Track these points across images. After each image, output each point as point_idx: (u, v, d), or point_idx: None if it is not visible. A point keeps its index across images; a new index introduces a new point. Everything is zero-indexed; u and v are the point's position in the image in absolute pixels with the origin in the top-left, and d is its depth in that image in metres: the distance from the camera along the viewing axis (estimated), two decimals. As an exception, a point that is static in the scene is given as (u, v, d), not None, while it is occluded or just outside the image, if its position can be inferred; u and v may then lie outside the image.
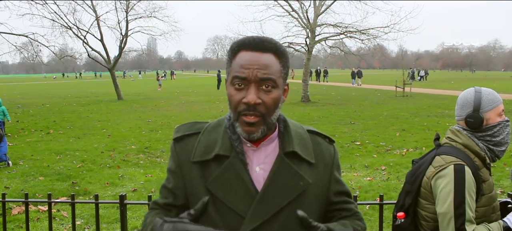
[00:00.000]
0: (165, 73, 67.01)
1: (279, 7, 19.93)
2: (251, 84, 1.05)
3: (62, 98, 24.19)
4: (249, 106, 1.05)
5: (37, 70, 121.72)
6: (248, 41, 1.09)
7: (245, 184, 1.09)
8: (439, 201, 1.62)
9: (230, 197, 1.09)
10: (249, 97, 1.04)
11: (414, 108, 15.91)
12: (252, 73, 1.05)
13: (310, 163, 1.15)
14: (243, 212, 1.08)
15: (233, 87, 1.08)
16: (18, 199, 3.34)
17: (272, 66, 1.07)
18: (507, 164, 6.83)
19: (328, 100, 20.44)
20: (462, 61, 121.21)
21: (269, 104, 1.06)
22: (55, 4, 20.93)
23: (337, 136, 9.79)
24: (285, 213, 1.09)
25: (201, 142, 1.14)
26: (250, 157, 1.12)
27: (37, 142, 9.55)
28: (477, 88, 1.76)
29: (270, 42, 1.09)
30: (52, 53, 23.05)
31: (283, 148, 1.13)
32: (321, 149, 1.19)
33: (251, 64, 1.05)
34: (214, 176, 1.10)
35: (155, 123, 12.79)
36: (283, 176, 1.11)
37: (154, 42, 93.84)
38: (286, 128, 1.17)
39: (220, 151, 1.11)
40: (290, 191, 1.10)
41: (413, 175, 1.80)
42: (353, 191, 5.43)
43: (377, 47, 22.71)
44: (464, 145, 1.72)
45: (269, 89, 1.06)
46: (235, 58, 1.09)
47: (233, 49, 1.10)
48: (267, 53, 1.08)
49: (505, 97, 20.60)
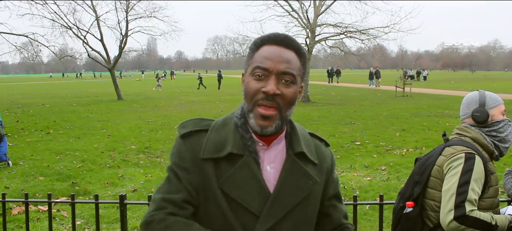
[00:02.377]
0: (165, 73, 67.01)
1: (279, 7, 19.96)
2: (272, 76, 1.07)
3: (62, 98, 24.19)
4: (268, 95, 1.05)
5: (37, 70, 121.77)
6: (273, 36, 1.11)
7: (260, 183, 1.09)
8: (446, 180, 1.70)
9: (245, 196, 1.09)
10: (268, 87, 1.05)
11: (414, 108, 15.91)
12: (275, 66, 1.07)
13: (315, 164, 1.18)
14: (257, 211, 1.08)
15: (253, 77, 1.08)
16: (18, 199, 3.35)
17: (293, 62, 1.10)
18: (507, 163, 6.83)
19: (328, 100, 20.44)
20: (462, 61, 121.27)
21: (287, 97, 1.07)
22: (55, 4, 20.92)
23: (337, 136, 9.79)
24: (296, 212, 1.12)
25: (210, 139, 1.12)
26: (261, 156, 1.12)
27: (37, 142, 9.54)
28: (481, 90, 1.88)
29: (293, 40, 1.13)
30: (52, 53, 23.06)
31: (293, 148, 1.15)
32: (321, 151, 1.23)
33: (275, 57, 1.08)
34: (228, 174, 1.09)
35: (155, 122, 12.78)
36: (295, 176, 1.13)
37: (154, 42, 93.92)
38: (293, 129, 1.18)
39: (234, 150, 1.10)
40: (301, 190, 1.13)
41: (422, 166, 1.85)
42: (353, 191, 5.43)
43: (377, 47, 22.73)
44: (473, 138, 1.80)
45: (288, 84, 1.08)
46: (258, 51, 1.11)
47: (256, 43, 1.13)
48: (290, 50, 1.11)
49: (506, 97, 20.62)
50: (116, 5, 22.67)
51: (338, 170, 6.61)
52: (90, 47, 22.73)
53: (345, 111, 15.33)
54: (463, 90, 25.55)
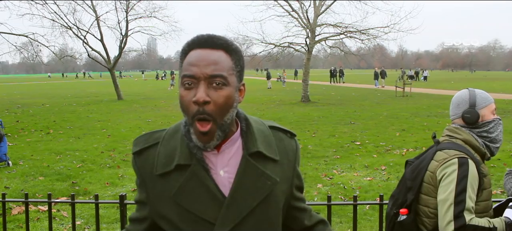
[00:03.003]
0: (165, 73, 67.04)
1: (279, 7, 19.94)
2: (200, 82, 1.00)
3: (62, 98, 24.19)
4: (198, 105, 1.00)
5: (37, 70, 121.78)
6: (197, 39, 1.05)
7: (210, 190, 1.05)
8: (441, 189, 1.66)
9: (197, 205, 1.05)
10: (197, 95, 0.99)
11: (414, 108, 15.92)
12: (201, 70, 1.00)
13: (275, 161, 1.12)
14: (212, 219, 1.05)
15: (183, 88, 1.03)
16: (18, 199, 3.34)
17: (222, 62, 1.02)
18: (507, 164, 6.83)
19: (328, 100, 20.44)
20: (462, 61, 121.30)
21: (219, 103, 1.00)
22: (55, 4, 20.93)
23: (337, 136, 9.79)
24: (256, 214, 1.08)
25: (161, 153, 1.09)
26: (213, 161, 1.08)
27: (37, 142, 9.54)
28: (471, 89, 1.83)
29: (220, 38, 1.05)
30: (52, 53, 23.06)
31: (247, 149, 1.08)
32: (284, 145, 1.16)
33: (200, 61, 1.01)
34: (178, 186, 1.06)
35: (155, 122, 12.79)
36: (250, 178, 1.07)
37: (154, 42, 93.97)
38: (248, 126, 1.12)
39: (180, 161, 1.06)
40: (259, 192, 1.08)
41: (414, 171, 1.81)
42: (353, 191, 5.43)
43: (377, 47, 22.71)
44: (464, 140, 1.76)
45: (220, 87, 1.01)
46: (186, 58, 1.05)
47: (184, 50, 1.06)
48: (218, 50, 1.04)
49: (506, 97, 20.60)
50: (116, 5, 22.71)
51: (338, 170, 6.62)
52: (90, 47, 22.75)
53: (345, 111, 15.33)
54: (463, 90, 25.53)
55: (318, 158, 7.50)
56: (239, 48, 1.09)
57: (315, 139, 9.43)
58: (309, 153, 7.97)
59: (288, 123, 12.03)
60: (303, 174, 6.36)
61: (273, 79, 36.33)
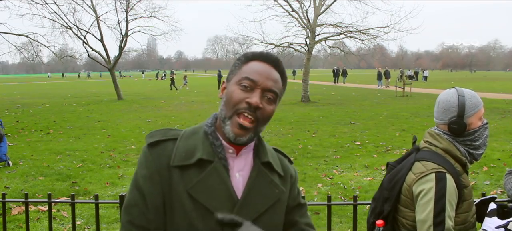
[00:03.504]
0: (165, 73, 67.06)
1: (279, 7, 19.93)
2: (258, 89, 1.10)
3: (62, 98, 24.20)
4: (250, 107, 1.08)
5: (37, 70, 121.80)
6: (266, 53, 1.17)
7: (228, 189, 1.10)
8: (419, 208, 1.58)
9: (213, 201, 1.08)
10: (253, 99, 1.09)
11: (414, 108, 15.92)
12: (263, 80, 1.11)
13: (280, 175, 1.22)
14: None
15: (239, 87, 1.11)
16: (18, 199, 3.34)
17: (279, 82, 1.16)
18: (507, 164, 6.83)
19: (328, 100, 20.44)
20: (462, 61, 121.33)
21: (267, 113, 1.11)
22: (55, 4, 20.93)
23: (337, 136, 9.79)
24: (263, 219, 1.13)
25: (180, 147, 1.12)
26: (231, 163, 1.14)
27: (37, 142, 9.54)
28: (460, 91, 1.69)
29: (281, 63, 1.18)
30: (52, 53, 23.05)
31: (260, 158, 1.18)
32: (286, 165, 1.27)
33: (264, 73, 1.12)
34: (197, 180, 1.09)
35: (155, 123, 12.78)
36: (261, 183, 1.15)
37: (154, 42, 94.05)
38: (260, 140, 1.23)
39: (204, 155, 1.10)
40: (268, 198, 1.15)
41: (391, 180, 1.74)
42: (353, 191, 5.43)
43: (377, 47, 22.72)
44: (444, 150, 1.67)
45: (270, 102, 1.12)
46: (248, 64, 1.15)
47: (247, 56, 1.17)
48: (278, 71, 1.17)
49: (506, 97, 20.60)
50: (116, 5, 22.71)
51: (338, 170, 6.62)
52: (90, 47, 22.74)
53: (345, 111, 15.33)
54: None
55: (318, 158, 7.50)
56: (287, 78, 1.22)
57: (315, 139, 9.43)
58: (309, 153, 7.97)
59: (288, 123, 12.03)
60: (303, 174, 6.36)
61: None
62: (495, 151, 7.82)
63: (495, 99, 19.48)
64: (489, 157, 7.28)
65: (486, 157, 7.26)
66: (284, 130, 10.81)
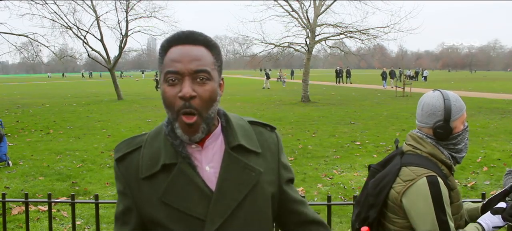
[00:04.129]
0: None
1: (279, 7, 19.93)
2: (185, 78, 1.02)
3: (62, 98, 24.20)
4: (185, 100, 1.01)
5: (37, 70, 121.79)
6: (177, 35, 1.06)
7: (199, 186, 1.06)
8: (419, 219, 1.51)
9: (186, 203, 1.05)
10: (184, 91, 1.01)
11: (414, 108, 15.70)
12: (185, 66, 1.02)
13: (257, 153, 1.14)
14: (202, 215, 1.05)
15: (167, 84, 1.04)
16: (18, 199, 3.34)
17: (204, 57, 1.05)
18: (507, 164, 6.83)
19: (328, 100, 20.44)
20: (462, 61, 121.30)
21: (205, 97, 1.03)
22: (55, 4, 20.93)
23: (337, 136, 9.79)
24: (244, 207, 1.08)
25: (145, 155, 1.09)
26: (198, 158, 1.09)
27: (37, 142, 9.54)
28: (445, 95, 1.64)
29: (200, 35, 1.08)
30: (52, 53, 23.06)
31: (229, 143, 1.10)
32: (265, 138, 1.18)
33: (183, 57, 1.03)
34: (165, 185, 1.06)
35: (155, 123, 12.78)
36: (234, 171, 1.09)
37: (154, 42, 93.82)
38: (228, 122, 1.14)
39: (166, 160, 1.06)
40: (244, 185, 1.09)
41: (376, 186, 1.67)
42: (353, 191, 5.43)
43: (377, 47, 22.72)
44: (430, 154, 1.62)
45: (204, 82, 1.03)
46: (167, 54, 1.06)
47: (163, 46, 1.07)
48: (199, 46, 1.06)
49: (506, 97, 20.59)
50: (116, 5, 22.70)
51: (338, 170, 6.62)
52: (90, 47, 22.75)
53: (345, 111, 15.33)
54: (463, 90, 25.58)
55: (318, 158, 7.50)
56: (218, 44, 1.11)
57: (315, 139, 9.43)
58: (309, 153, 7.97)
59: (288, 123, 12.03)
60: (303, 174, 6.36)
61: (272, 79, 36.15)
62: (495, 151, 7.82)
63: (495, 99, 19.48)
64: (489, 157, 7.28)
65: (486, 157, 7.27)
66: (284, 130, 10.81)
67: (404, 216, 1.59)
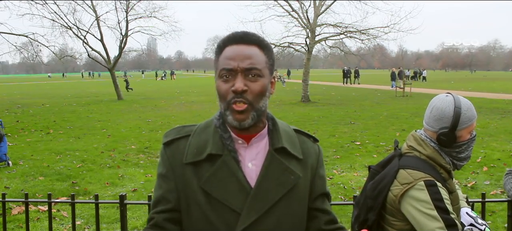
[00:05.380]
0: (165, 73, 67.08)
1: (279, 7, 19.93)
2: (238, 75, 1.09)
3: (62, 98, 24.20)
4: (236, 93, 1.08)
5: (37, 70, 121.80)
6: (233, 36, 1.14)
7: (239, 180, 1.11)
8: (425, 223, 1.49)
9: (225, 194, 1.11)
10: (236, 85, 1.08)
11: (414, 108, 15.91)
12: (238, 64, 1.09)
13: (299, 159, 1.19)
14: (238, 208, 1.10)
15: (221, 80, 1.11)
16: (18, 199, 3.34)
17: (256, 56, 1.11)
18: (507, 164, 6.83)
19: (328, 100, 20.44)
20: (462, 61, 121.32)
21: (255, 91, 1.10)
22: (55, 4, 20.92)
23: (337, 136, 9.79)
24: (279, 207, 1.13)
25: (192, 144, 1.16)
26: (242, 154, 1.15)
27: (37, 142, 9.54)
28: (457, 102, 1.59)
29: (254, 35, 1.14)
30: (52, 53, 23.06)
31: (273, 144, 1.16)
32: (307, 147, 1.24)
33: (237, 55, 1.10)
34: (208, 175, 1.12)
35: (155, 123, 12.78)
36: (275, 171, 1.14)
37: (154, 42, 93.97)
38: (275, 125, 1.21)
39: (212, 150, 1.13)
40: (282, 186, 1.14)
41: (375, 189, 1.66)
42: (353, 191, 5.43)
43: (377, 47, 22.71)
44: (429, 157, 1.60)
45: (255, 79, 1.10)
46: (222, 53, 1.13)
47: (219, 46, 1.15)
48: (252, 45, 1.12)
49: (506, 97, 20.59)
50: (116, 5, 22.69)
51: (338, 170, 6.61)
52: (90, 47, 22.73)
53: (345, 111, 15.33)
54: (463, 90, 25.58)
55: (318, 158, 7.49)
56: (270, 45, 1.17)
57: (315, 139, 9.42)
58: (309, 153, 7.96)
59: (288, 123, 11.99)
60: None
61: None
62: (495, 151, 7.82)
63: (495, 99, 19.47)
64: (489, 157, 7.28)
65: (486, 157, 7.27)
66: (284, 130, 10.79)
67: (403, 219, 1.59)
